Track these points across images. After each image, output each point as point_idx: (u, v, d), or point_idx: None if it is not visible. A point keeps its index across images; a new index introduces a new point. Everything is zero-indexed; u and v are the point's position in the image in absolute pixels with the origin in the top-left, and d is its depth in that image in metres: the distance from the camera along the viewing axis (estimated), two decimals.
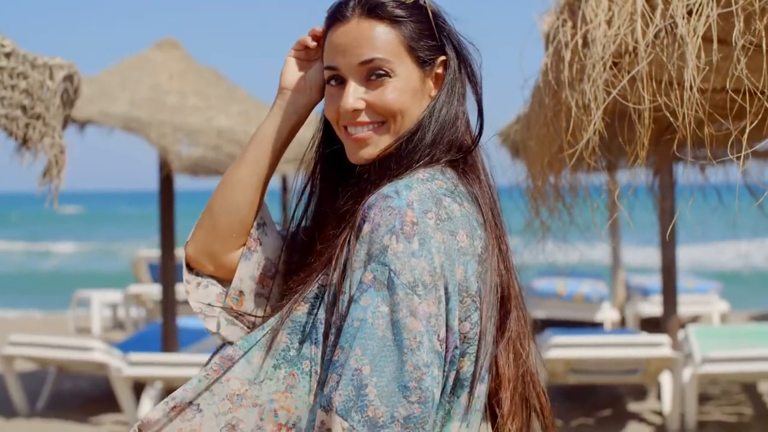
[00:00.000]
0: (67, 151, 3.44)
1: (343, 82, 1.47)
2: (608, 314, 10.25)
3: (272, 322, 1.43)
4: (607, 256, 11.58)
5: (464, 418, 1.40)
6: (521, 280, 1.54)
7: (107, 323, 12.29)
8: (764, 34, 1.88)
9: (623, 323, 10.61)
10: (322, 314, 1.39)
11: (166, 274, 7.01)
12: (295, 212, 1.60)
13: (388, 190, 1.36)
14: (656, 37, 2.03)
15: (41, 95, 3.32)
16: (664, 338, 6.45)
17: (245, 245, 1.54)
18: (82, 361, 6.88)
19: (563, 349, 6.39)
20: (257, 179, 1.54)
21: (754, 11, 1.86)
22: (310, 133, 1.66)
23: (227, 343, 1.51)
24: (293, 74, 1.57)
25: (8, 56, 3.22)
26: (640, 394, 7.48)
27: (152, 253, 12.22)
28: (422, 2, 1.48)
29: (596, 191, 3.26)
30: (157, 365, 6.52)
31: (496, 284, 1.42)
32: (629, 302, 10.95)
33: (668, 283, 6.86)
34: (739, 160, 1.88)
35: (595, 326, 10.13)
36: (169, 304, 7.00)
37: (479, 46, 1.53)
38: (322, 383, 1.36)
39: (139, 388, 6.86)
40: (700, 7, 1.91)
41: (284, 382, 1.39)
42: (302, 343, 1.38)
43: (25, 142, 3.32)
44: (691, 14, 1.94)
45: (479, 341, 1.39)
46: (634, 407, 7.18)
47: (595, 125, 2.17)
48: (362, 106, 1.45)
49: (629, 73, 2.09)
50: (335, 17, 1.48)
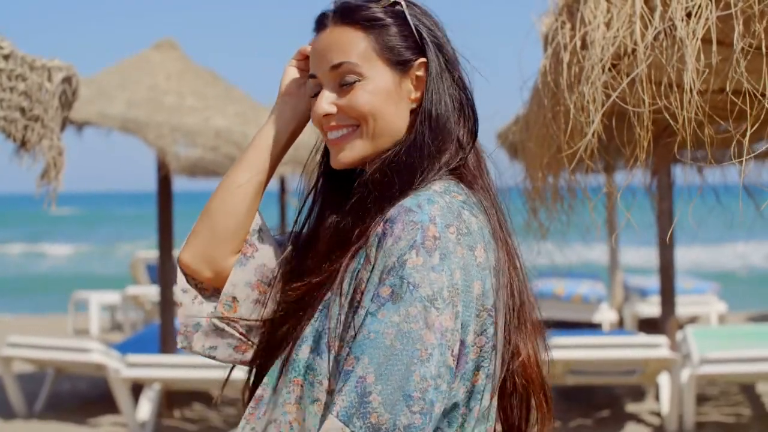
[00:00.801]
0: (65, 152, 3.44)
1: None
2: (606, 315, 10.26)
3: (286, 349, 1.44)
4: (605, 256, 11.59)
5: (476, 426, 1.41)
6: (531, 282, 1.54)
7: (105, 325, 12.28)
8: (764, 36, 1.88)
9: (621, 324, 10.62)
10: (324, 324, 1.38)
11: (164, 275, 7.01)
12: (297, 218, 1.60)
13: (410, 203, 1.36)
14: (655, 39, 2.03)
15: (40, 97, 3.32)
16: (662, 339, 6.46)
17: (241, 251, 1.53)
18: (80, 362, 6.88)
19: (561, 350, 6.39)
20: (256, 183, 1.54)
21: (753, 14, 1.86)
22: (307, 136, 1.66)
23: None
24: (293, 81, 1.58)
25: (7, 58, 3.22)
26: (638, 395, 7.49)
27: (150, 254, 12.21)
28: (400, 5, 1.47)
29: (594, 192, 3.26)
30: (155, 366, 6.51)
31: (510, 295, 1.44)
32: (627, 303, 10.96)
33: (666, 283, 6.88)
34: (740, 163, 1.88)
35: (593, 327, 10.14)
36: (167, 305, 6.99)
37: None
38: (329, 393, 1.35)
39: (137, 389, 6.86)
40: (699, 9, 1.91)
41: (292, 393, 1.39)
42: (311, 353, 1.38)
43: (23, 143, 3.32)
44: (690, 16, 1.94)
45: (494, 354, 1.39)
46: (632, 408, 7.19)
47: (593, 127, 2.17)
48: (333, 110, 1.46)
49: (628, 75, 2.09)
50: (316, 27, 1.51)
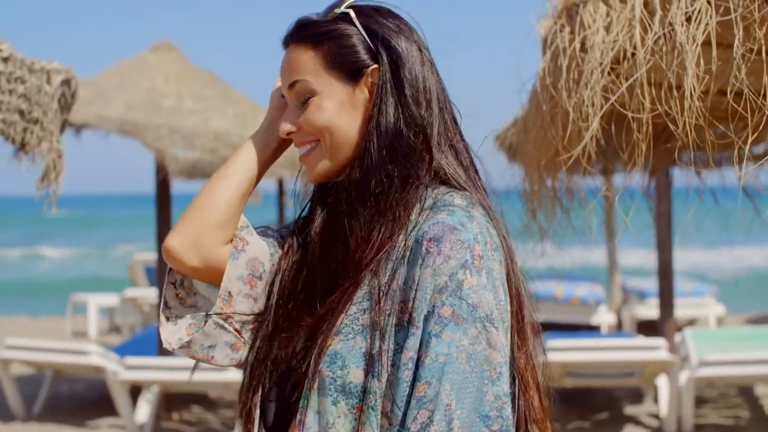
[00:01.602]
0: (64, 155, 3.44)
1: None
2: (605, 317, 10.26)
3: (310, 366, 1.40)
4: (603, 259, 11.59)
5: None
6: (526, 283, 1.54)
7: (104, 327, 12.27)
8: (764, 42, 1.88)
9: (620, 326, 10.62)
10: (374, 345, 1.36)
11: (162, 277, 6.98)
12: (299, 215, 1.60)
13: (451, 221, 1.37)
14: (655, 43, 2.03)
15: (39, 100, 3.32)
16: (660, 341, 6.46)
17: (232, 244, 1.52)
18: (78, 364, 6.87)
19: (560, 352, 6.39)
20: (249, 176, 1.55)
21: (753, 20, 1.86)
22: None
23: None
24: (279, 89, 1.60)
25: (6, 61, 3.22)
26: (636, 397, 7.49)
27: (149, 256, 12.20)
28: (349, 15, 1.47)
29: (593, 194, 3.26)
30: (153, 369, 6.51)
31: (516, 299, 1.46)
32: (626, 305, 10.96)
33: (665, 286, 6.88)
34: (740, 166, 1.89)
35: (591, 329, 10.13)
36: None
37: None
38: (384, 416, 1.34)
39: (135, 391, 6.85)
40: (698, 14, 1.92)
41: (354, 417, 1.36)
42: (367, 376, 1.36)
43: (22, 146, 3.32)
44: (689, 21, 1.94)
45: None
46: (630, 410, 7.19)
47: (592, 131, 2.17)
48: (294, 129, 1.49)
49: (627, 79, 2.09)
50: (283, 47, 1.54)
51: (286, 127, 1.49)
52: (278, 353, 1.47)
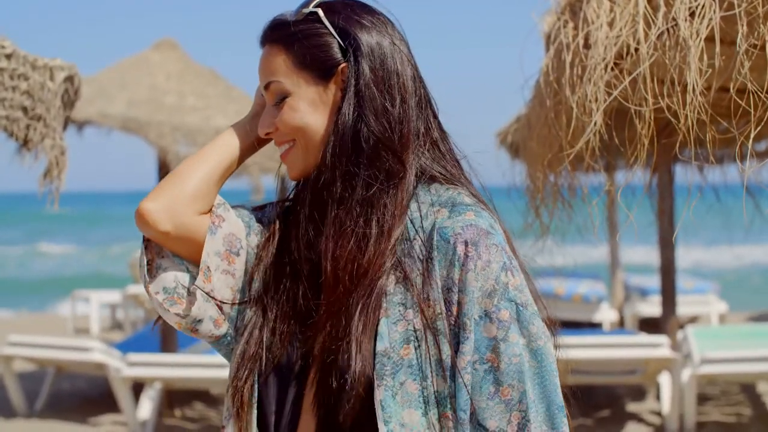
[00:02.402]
0: (67, 152, 3.44)
1: None
2: (607, 315, 10.26)
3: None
4: (605, 256, 11.59)
5: None
6: None
7: (106, 323, 12.30)
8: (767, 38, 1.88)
9: (622, 324, 10.62)
10: (446, 351, 1.38)
11: None
12: (281, 203, 1.60)
13: (483, 224, 1.40)
14: (658, 38, 2.03)
15: (42, 96, 3.32)
16: (662, 339, 6.46)
17: (210, 219, 1.52)
18: (81, 361, 6.88)
19: (561, 349, 6.38)
20: (229, 158, 1.57)
21: (757, 15, 1.86)
22: None
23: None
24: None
25: (9, 57, 3.22)
26: (638, 394, 7.49)
27: None
28: (319, 14, 1.47)
29: (595, 191, 3.26)
30: (156, 366, 6.52)
31: None
32: (628, 303, 10.96)
33: (667, 283, 6.87)
34: (742, 163, 1.89)
35: (593, 327, 10.14)
36: None
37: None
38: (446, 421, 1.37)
39: (138, 388, 6.86)
40: (702, 9, 1.91)
41: (444, 426, 1.38)
42: (447, 382, 1.38)
43: (25, 143, 3.32)
44: (693, 16, 1.94)
45: None
46: (632, 408, 7.19)
47: (594, 120, 2.17)
48: (272, 129, 1.51)
49: (630, 74, 2.09)
50: (260, 46, 1.55)
51: (263, 128, 1.52)
52: (274, 340, 1.47)
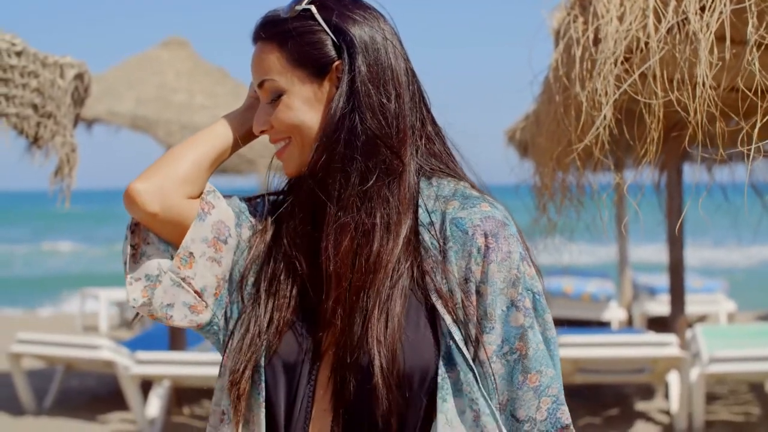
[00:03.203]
0: (78, 149, 3.45)
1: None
2: (615, 313, 10.25)
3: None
4: (614, 255, 11.57)
5: None
6: None
7: (114, 321, 12.32)
8: None
9: (630, 322, 10.61)
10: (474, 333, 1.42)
11: None
12: (275, 195, 1.60)
13: (499, 215, 1.45)
14: (668, 33, 2.03)
15: (52, 94, 3.33)
16: (671, 338, 6.44)
17: (199, 206, 1.52)
18: (89, 359, 6.90)
19: (570, 348, 6.38)
20: (221, 147, 1.56)
21: (767, 7, 1.85)
22: None
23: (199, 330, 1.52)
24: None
25: (19, 55, 3.23)
26: (647, 393, 7.48)
27: None
28: (312, 11, 1.46)
29: (604, 189, 3.26)
30: (164, 363, 6.53)
31: None
32: (636, 301, 10.94)
33: (675, 282, 6.86)
34: (749, 157, 1.88)
35: (602, 325, 10.13)
36: None
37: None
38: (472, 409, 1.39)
39: (146, 386, 6.88)
40: (713, 3, 1.91)
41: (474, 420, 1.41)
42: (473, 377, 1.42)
43: (36, 140, 3.33)
44: (704, 10, 1.94)
45: None
46: (641, 406, 7.18)
47: (604, 118, 2.17)
48: (267, 127, 1.51)
49: (640, 69, 2.09)
50: (252, 43, 1.54)
51: (258, 126, 1.52)
52: (269, 333, 1.46)
